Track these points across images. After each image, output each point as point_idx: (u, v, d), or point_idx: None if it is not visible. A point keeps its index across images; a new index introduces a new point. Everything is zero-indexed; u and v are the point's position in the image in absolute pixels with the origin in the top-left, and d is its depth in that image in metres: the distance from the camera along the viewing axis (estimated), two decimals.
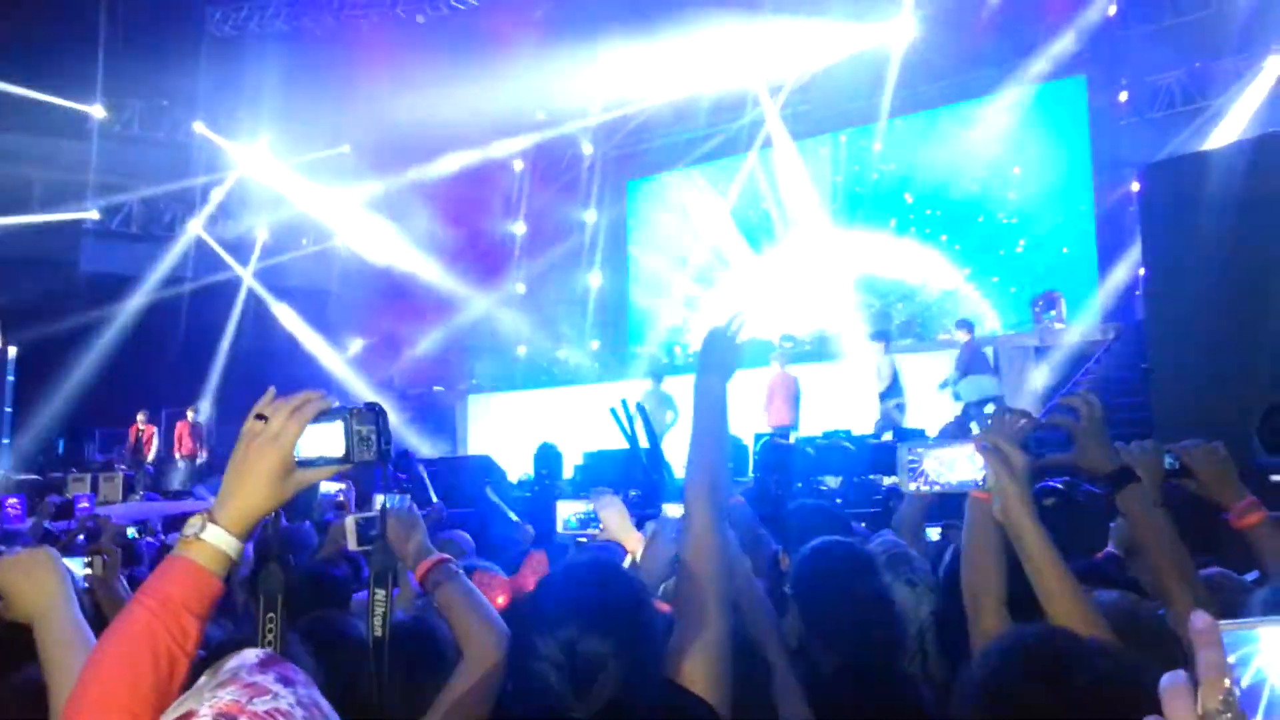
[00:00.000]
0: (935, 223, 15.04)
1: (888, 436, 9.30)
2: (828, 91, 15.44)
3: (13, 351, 13.27)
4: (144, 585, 1.25)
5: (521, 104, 16.25)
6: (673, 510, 3.46)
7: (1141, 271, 11.17)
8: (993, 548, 1.85)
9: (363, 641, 1.84)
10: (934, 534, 4.00)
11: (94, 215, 16.06)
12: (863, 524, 4.38)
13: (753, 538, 3.36)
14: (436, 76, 14.08)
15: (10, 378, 12.95)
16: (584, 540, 3.44)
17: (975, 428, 2.35)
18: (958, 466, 1.87)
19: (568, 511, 3.65)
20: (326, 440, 1.35)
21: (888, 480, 6.78)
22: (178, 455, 12.79)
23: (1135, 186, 10.85)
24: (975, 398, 9.25)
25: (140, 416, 13.28)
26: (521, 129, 17.19)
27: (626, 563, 2.79)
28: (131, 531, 3.71)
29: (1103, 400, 2.12)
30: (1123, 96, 13.63)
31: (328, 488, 5.72)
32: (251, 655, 1.06)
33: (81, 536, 4.17)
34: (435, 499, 7.28)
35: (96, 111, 15.75)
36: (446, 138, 15.85)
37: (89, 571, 2.61)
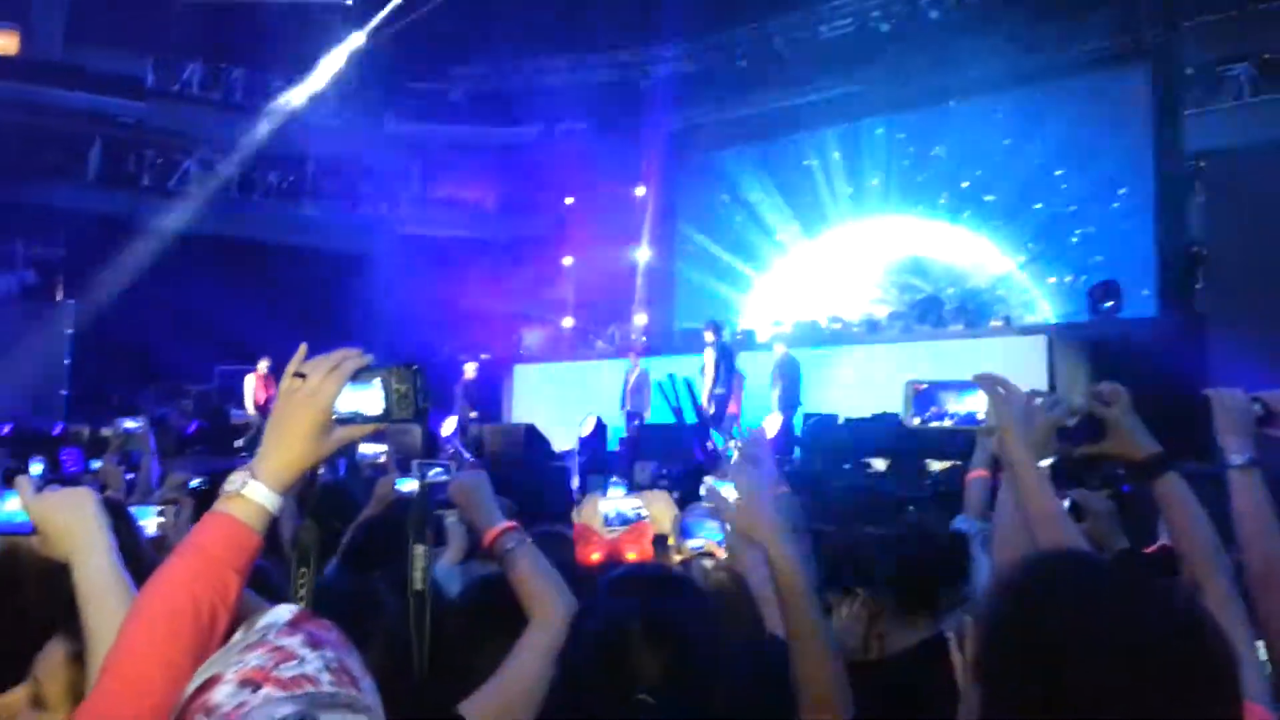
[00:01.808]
0: (989, 208, 14.81)
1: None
2: (883, 72, 15.22)
3: (72, 304, 13.57)
4: (185, 540, 1.27)
5: None
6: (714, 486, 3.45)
7: (1204, 265, 10.99)
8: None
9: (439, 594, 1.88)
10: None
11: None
12: (910, 508, 4.33)
13: (798, 530, 3.35)
14: None
15: (69, 330, 13.21)
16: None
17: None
18: (962, 404, 1.91)
19: (609, 506, 3.30)
20: (365, 398, 1.36)
21: (936, 465, 6.75)
22: (251, 409, 12.89)
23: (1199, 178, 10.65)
24: None
25: (263, 365, 13.22)
26: None
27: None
28: (195, 482, 3.77)
29: (1158, 393, 2.10)
30: (1188, 87, 13.29)
31: (366, 449, 5.76)
32: (284, 614, 1.05)
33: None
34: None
35: None
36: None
37: (162, 520, 2.64)
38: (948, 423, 1.94)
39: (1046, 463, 1.93)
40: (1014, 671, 1.15)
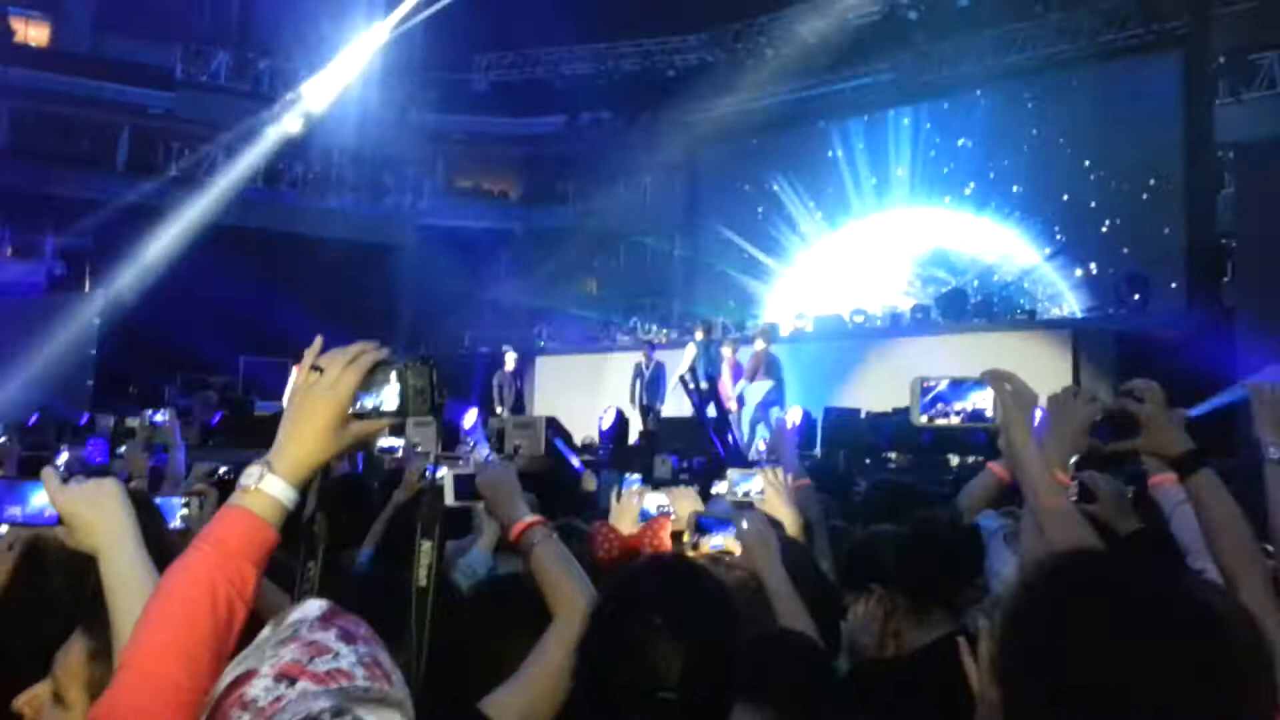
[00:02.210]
0: (1016, 200, 14.67)
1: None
2: (911, 61, 15.11)
3: (100, 295, 13.69)
4: (202, 533, 1.27)
5: None
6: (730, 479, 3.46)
7: (1233, 258, 10.85)
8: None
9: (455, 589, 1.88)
10: None
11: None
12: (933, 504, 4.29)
13: (816, 528, 3.34)
14: None
15: (96, 321, 13.33)
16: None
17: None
18: (969, 402, 1.90)
19: (652, 504, 3.17)
20: (382, 393, 1.36)
21: (956, 459, 6.72)
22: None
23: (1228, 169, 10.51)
24: None
25: (510, 357, 13.65)
26: None
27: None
28: (221, 471, 3.80)
29: (1187, 387, 2.08)
30: (1219, 76, 13.11)
31: (384, 442, 5.78)
32: (314, 609, 1.05)
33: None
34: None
35: None
36: None
37: (186, 512, 2.65)
38: (955, 420, 1.94)
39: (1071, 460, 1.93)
40: (1034, 672, 1.13)
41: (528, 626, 1.92)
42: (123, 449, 4.33)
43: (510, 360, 14.12)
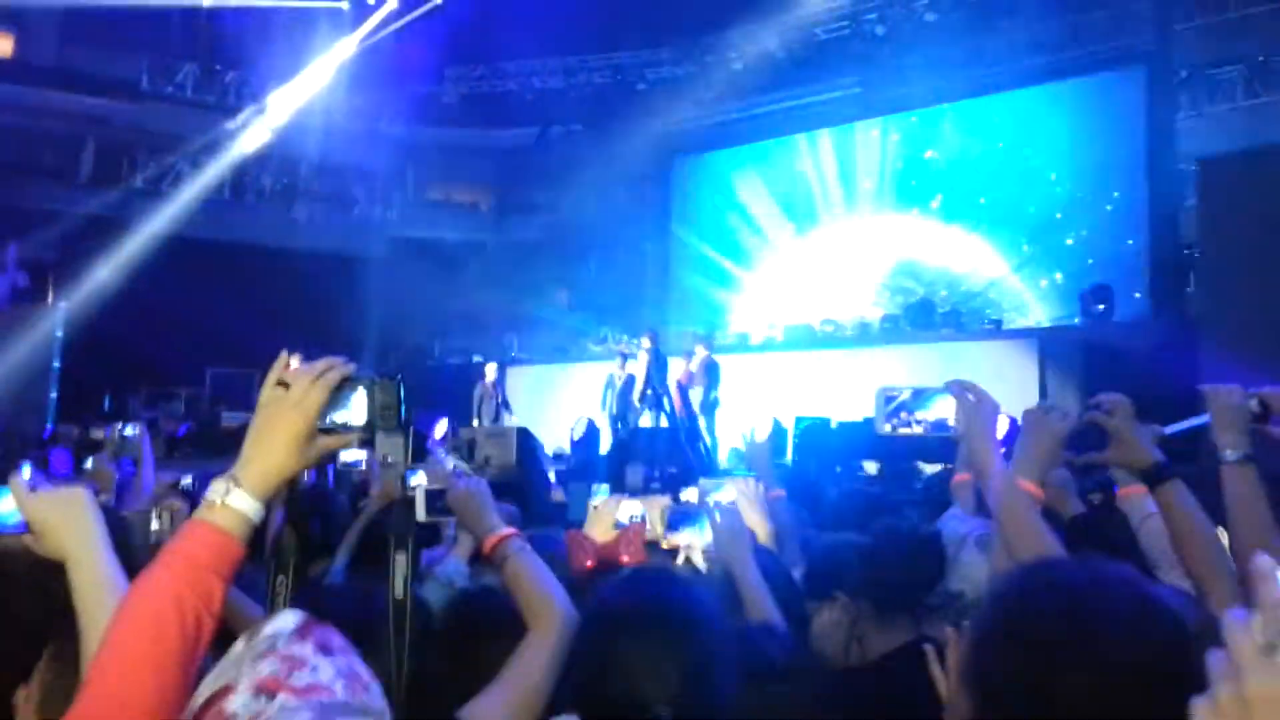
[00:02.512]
0: (982, 211, 14.83)
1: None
2: (878, 74, 15.25)
3: (63, 306, 13.52)
4: (167, 547, 1.27)
5: None
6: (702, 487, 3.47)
7: (1196, 269, 10.99)
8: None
9: (424, 605, 1.88)
10: None
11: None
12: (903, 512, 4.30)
13: (788, 538, 3.36)
14: None
15: (59, 333, 13.16)
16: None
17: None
18: (931, 411, 1.93)
19: (625, 511, 3.21)
20: (348, 408, 1.37)
21: (928, 467, 6.76)
22: None
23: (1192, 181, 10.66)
24: None
25: (491, 367, 13.72)
26: None
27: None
28: (185, 482, 3.77)
29: (1153, 396, 2.12)
30: (1181, 90, 13.34)
31: (347, 457, 5.73)
32: (289, 621, 1.06)
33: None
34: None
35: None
36: None
37: (157, 526, 2.63)
38: (918, 429, 1.96)
39: None
40: (1005, 682, 1.14)
41: (505, 639, 1.92)
42: (89, 462, 4.28)
43: (490, 371, 14.09)
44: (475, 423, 12.72)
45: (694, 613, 1.60)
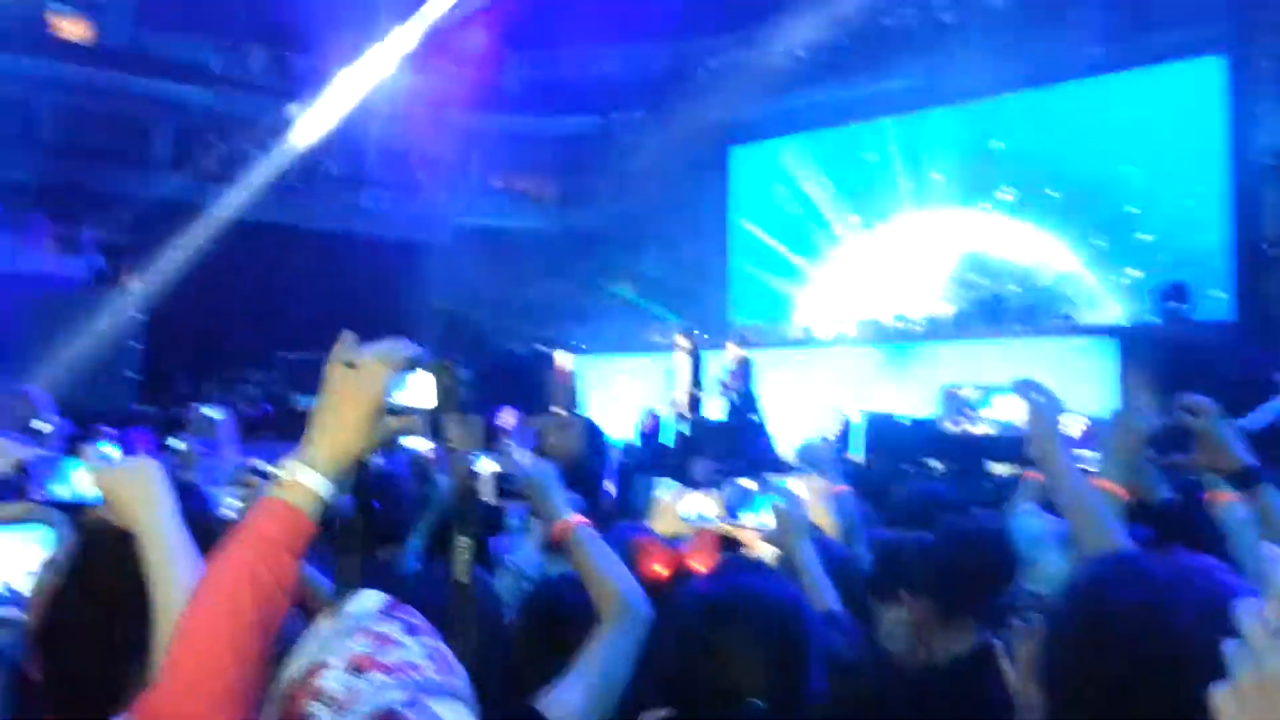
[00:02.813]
0: (1052, 204, 14.52)
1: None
2: (944, 62, 14.98)
3: (138, 289, 13.84)
4: (242, 525, 1.29)
5: None
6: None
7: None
8: None
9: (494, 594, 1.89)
10: None
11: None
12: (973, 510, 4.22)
13: (855, 533, 3.33)
14: None
15: (138, 315, 13.48)
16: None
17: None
18: (997, 410, 2.03)
19: (691, 506, 3.15)
20: (412, 389, 1.39)
21: (999, 468, 6.62)
22: None
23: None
24: None
25: (566, 357, 13.95)
26: None
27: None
28: (265, 466, 3.83)
29: (1234, 395, 2.09)
30: (1263, 78, 12.91)
31: (409, 444, 5.77)
32: (372, 600, 1.08)
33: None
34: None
35: None
36: None
37: (241, 505, 2.69)
38: (983, 427, 1.99)
39: None
40: (1084, 681, 1.13)
41: (580, 627, 1.92)
42: (175, 441, 4.41)
43: (565, 360, 14.19)
44: (556, 410, 12.86)
45: (786, 604, 1.61)
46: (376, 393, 1.35)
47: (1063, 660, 1.17)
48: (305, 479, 1.31)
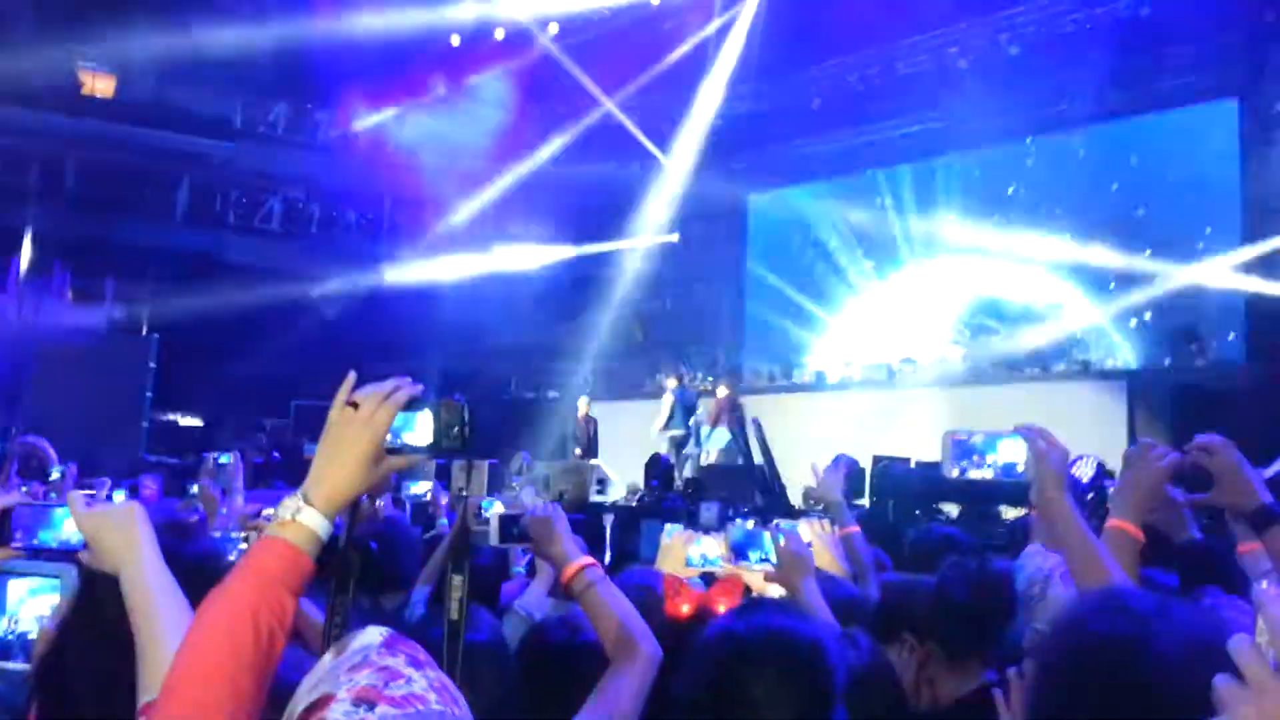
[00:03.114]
0: (1066, 248, 14.49)
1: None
2: (960, 108, 15.07)
3: (155, 339, 13.97)
4: (241, 562, 1.31)
5: None
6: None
7: None
8: None
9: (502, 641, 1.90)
10: None
11: None
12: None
13: (866, 574, 3.32)
14: None
15: (153, 364, 13.59)
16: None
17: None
18: (1001, 454, 1.94)
19: (697, 549, 3.18)
20: (415, 429, 1.40)
21: (1012, 512, 6.57)
22: None
23: None
24: None
25: (584, 401, 14.24)
26: None
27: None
28: (269, 511, 3.87)
29: (1247, 441, 2.09)
30: (1277, 122, 12.91)
31: (413, 489, 5.81)
32: (375, 635, 1.08)
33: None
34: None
35: None
36: None
37: (245, 547, 2.73)
38: (987, 473, 1.98)
39: None
40: (1064, 708, 1.14)
41: (587, 669, 1.92)
42: (194, 488, 4.49)
43: (584, 405, 14.39)
44: (576, 453, 13.02)
45: (814, 643, 1.61)
46: (377, 432, 1.36)
47: (1048, 691, 1.18)
48: (305, 519, 1.32)
